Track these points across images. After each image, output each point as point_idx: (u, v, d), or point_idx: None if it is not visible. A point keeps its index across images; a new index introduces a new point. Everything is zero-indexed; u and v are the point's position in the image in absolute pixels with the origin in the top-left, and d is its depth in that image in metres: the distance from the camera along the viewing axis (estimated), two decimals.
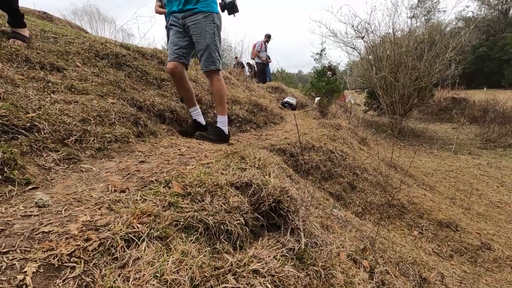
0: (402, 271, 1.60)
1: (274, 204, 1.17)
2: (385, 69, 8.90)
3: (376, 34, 9.66)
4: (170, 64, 2.21)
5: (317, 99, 6.39)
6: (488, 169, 6.44)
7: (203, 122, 2.44)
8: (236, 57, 12.83)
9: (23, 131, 1.25)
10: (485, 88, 21.00)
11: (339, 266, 1.14)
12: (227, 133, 2.29)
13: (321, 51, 7.00)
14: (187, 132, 2.28)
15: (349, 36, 10.22)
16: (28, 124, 1.28)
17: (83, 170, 1.23)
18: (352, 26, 9.76)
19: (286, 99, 6.77)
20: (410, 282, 1.54)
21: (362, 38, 9.73)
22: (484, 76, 31.11)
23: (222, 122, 2.27)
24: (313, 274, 1.01)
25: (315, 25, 38.69)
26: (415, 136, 9.05)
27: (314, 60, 9.32)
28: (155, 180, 1.14)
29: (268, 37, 9.91)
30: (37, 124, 1.31)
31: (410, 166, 4.85)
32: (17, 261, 0.66)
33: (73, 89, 1.86)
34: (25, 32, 2.13)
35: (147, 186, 1.10)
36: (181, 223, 0.91)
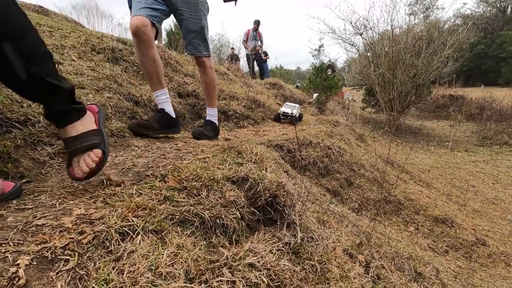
0: (398, 266, 1.61)
1: (270, 198, 1.16)
2: (383, 66, 8.91)
3: (374, 31, 9.66)
4: (136, 19, 1.60)
5: (315, 95, 6.38)
6: (484, 166, 6.48)
7: (172, 113, 1.88)
8: (232, 48, 11.86)
9: (17, 124, 1.23)
10: (482, 86, 21.11)
11: (335, 260, 1.14)
12: (218, 125, 2.19)
13: (319, 47, 7.00)
14: (147, 127, 1.71)
15: (347, 33, 10.24)
16: (22, 118, 1.27)
17: None
18: (351, 23, 9.75)
19: (283, 109, 4.19)
20: (405, 276, 1.55)
21: (361, 34, 9.72)
22: (481, 73, 31.26)
23: (214, 116, 2.12)
24: (308, 268, 1.01)
25: (313, 22, 38.64)
26: (412, 133, 9.09)
27: (312, 56, 9.29)
28: (151, 174, 1.13)
29: (257, 24, 8.61)
30: (31, 117, 1.29)
31: (407, 163, 4.86)
32: (10, 253, 0.65)
33: None
34: None
35: (142, 180, 1.09)
36: (177, 217, 0.90)
